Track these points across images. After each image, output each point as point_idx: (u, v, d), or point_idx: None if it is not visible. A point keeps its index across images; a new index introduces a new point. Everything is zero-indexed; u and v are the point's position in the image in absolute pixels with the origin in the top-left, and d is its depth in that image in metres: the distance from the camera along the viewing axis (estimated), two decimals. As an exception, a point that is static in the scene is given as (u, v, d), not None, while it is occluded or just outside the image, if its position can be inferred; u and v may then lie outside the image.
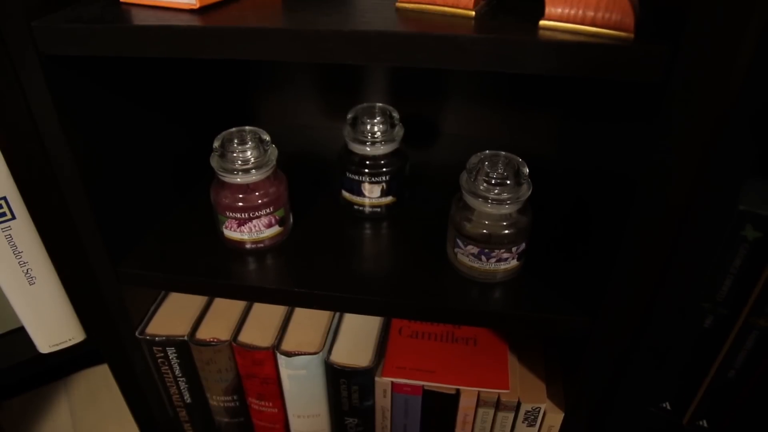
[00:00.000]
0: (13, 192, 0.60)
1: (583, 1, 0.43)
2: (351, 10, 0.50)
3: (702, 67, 0.41)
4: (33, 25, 0.50)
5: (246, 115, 0.97)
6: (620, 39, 0.42)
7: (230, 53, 0.47)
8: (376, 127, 0.68)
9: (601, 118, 0.66)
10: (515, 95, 0.88)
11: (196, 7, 0.50)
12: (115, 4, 0.54)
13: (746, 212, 0.49)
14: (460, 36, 0.43)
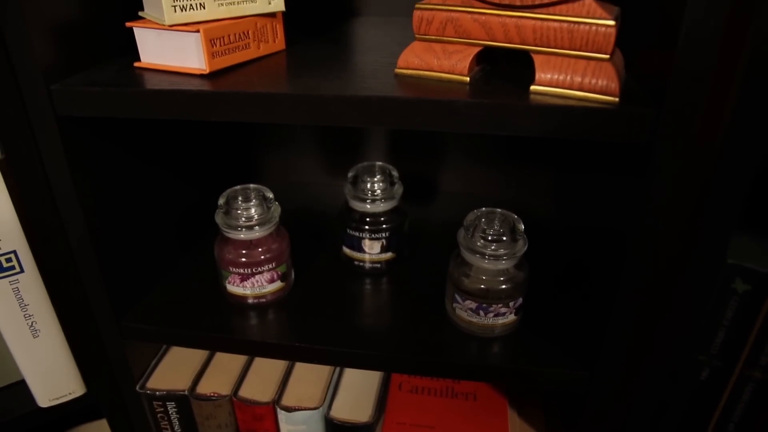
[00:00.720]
0: (23, 246, 0.62)
1: (571, 67, 0.46)
2: (352, 76, 0.52)
3: (685, 129, 0.43)
4: (52, 89, 0.52)
5: (249, 172, 1.00)
6: (607, 103, 0.45)
7: (238, 116, 0.50)
8: (376, 185, 0.70)
9: (595, 172, 0.68)
10: (512, 153, 0.90)
11: (206, 72, 0.53)
12: (129, 68, 0.57)
13: (735, 265, 0.50)
14: (456, 101, 0.46)
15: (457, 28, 0.49)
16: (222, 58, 0.54)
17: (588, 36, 0.45)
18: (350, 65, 0.56)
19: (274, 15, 0.60)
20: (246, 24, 0.57)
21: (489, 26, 0.48)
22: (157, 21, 0.55)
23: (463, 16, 0.48)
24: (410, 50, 0.51)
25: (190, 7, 0.53)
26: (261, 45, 0.59)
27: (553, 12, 0.45)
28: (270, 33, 0.60)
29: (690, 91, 0.42)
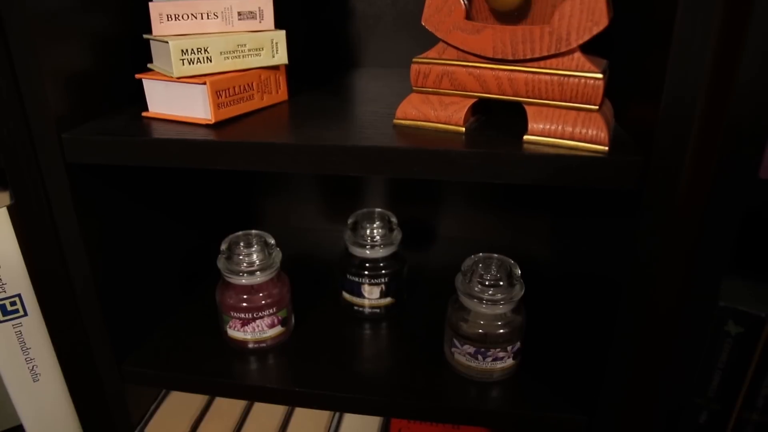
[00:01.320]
0: (28, 290, 0.63)
1: (562, 117, 0.48)
2: (352, 126, 0.55)
3: (672, 176, 0.45)
4: (63, 137, 0.54)
5: (251, 217, 1.02)
6: (596, 151, 0.47)
7: (242, 165, 0.52)
8: (375, 231, 0.72)
9: (591, 216, 0.70)
10: (509, 198, 0.92)
11: (212, 122, 0.56)
12: (137, 118, 0.59)
13: (727, 308, 0.51)
14: (452, 151, 0.48)
15: (453, 80, 0.51)
16: (227, 109, 0.57)
17: (577, 88, 0.47)
18: (350, 116, 0.58)
19: (277, 67, 0.62)
20: (250, 76, 0.59)
21: (483, 79, 0.50)
22: (165, 73, 0.57)
23: (459, 69, 0.50)
24: (408, 102, 0.54)
25: (198, 60, 0.56)
26: (264, 96, 0.62)
27: (544, 65, 0.48)
28: (273, 84, 0.63)
29: (676, 139, 0.44)
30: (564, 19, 0.46)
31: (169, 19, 0.59)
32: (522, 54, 0.48)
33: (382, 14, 0.83)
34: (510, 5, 0.48)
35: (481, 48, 0.49)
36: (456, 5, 0.49)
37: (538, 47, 0.47)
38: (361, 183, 0.96)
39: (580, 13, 0.45)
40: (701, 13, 0.41)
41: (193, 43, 0.55)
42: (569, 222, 0.81)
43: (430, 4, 0.50)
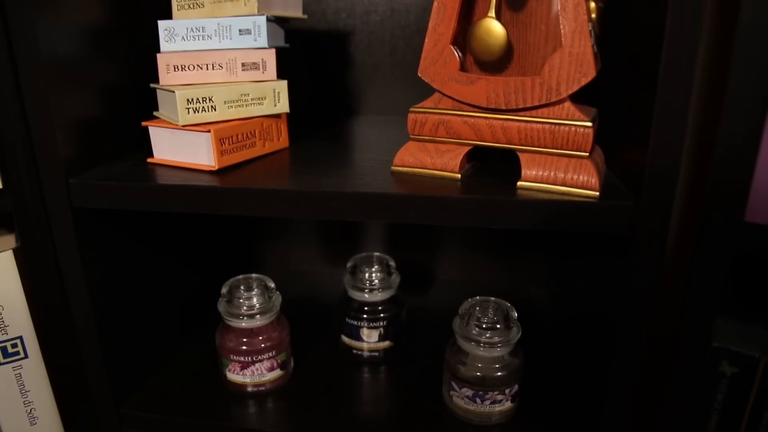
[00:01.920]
0: (29, 332, 0.63)
1: (554, 164, 0.50)
2: (351, 173, 0.56)
3: (661, 219, 0.46)
4: (70, 182, 0.56)
5: (251, 261, 1.03)
6: (588, 197, 0.48)
7: (245, 211, 0.53)
8: (374, 275, 0.73)
9: (587, 258, 0.71)
10: (505, 242, 0.94)
11: (215, 169, 0.57)
12: (142, 163, 0.61)
13: (721, 349, 0.52)
14: (448, 197, 0.49)
15: (449, 129, 0.53)
16: (230, 156, 0.58)
17: (568, 136, 0.49)
18: (350, 163, 0.60)
19: (279, 116, 0.65)
20: (253, 124, 0.61)
21: (478, 128, 0.52)
22: (171, 121, 0.59)
23: (454, 118, 0.52)
24: (405, 149, 0.56)
25: (202, 109, 0.58)
26: (266, 143, 0.64)
27: (536, 115, 0.50)
28: (275, 132, 0.65)
29: (663, 184, 0.46)
30: (554, 70, 0.48)
31: (176, 70, 0.61)
32: (514, 104, 0.50)
33: (380, 64, 0.86)
34: (492, 55, 0.50)
35: (475, 98, 0.51)
36: (450, 58, 0.51)
37: (530, 97, 0.49)
38: (360, 228, 0.97)
39: (568, 65, 0.47)
40: (684, 63, 0.43)
41: (199, 92, 0.57)
42: (566, 264, 0.83)
43: (426, 56, 0.52)
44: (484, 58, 0.51)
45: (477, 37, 0.50)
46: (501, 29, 0.49)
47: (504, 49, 0.50)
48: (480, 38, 0.50)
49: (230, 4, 0.61)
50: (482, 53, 0.51)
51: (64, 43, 0.55)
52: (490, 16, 0.50)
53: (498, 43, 0.50)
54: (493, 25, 0.49)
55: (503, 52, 0.50)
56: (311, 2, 0.85)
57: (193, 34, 0.62)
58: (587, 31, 0.46)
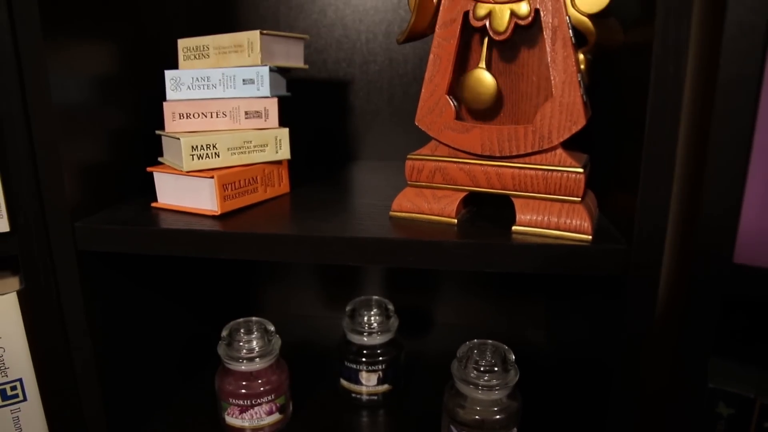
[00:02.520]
0: (29, 374, 0.63)
1: (548, 209, 0.51)
2: (350, 218, 0.58)
3: (653, 262, 0.48)
4: (76, 226, 0.57)
5: (250, 305, 1.03)
6: (581, 240, 0.50)
7: (246, 255, 0.54)
8: (372, 318, 0.73)
9: (585, 299, 0.71)
10: (503, 284, 0.94)
11: (218, 214, 0.59)
12: (146, 208, 0.62)
13: (717, 390, 0.53)
14: (445, 242, 0.50)
15: (445, 175, 0.55)
16: (232, 201, 0.60)
17: (560, 182, 0.50)
18: (349, 208, 0.62)
19: (280, 162, 0.66)
20: (255, 170, 0.63)
21: (473, 174, 0.53)
22: (175, 167, 0.61)
23: (450, 165, 0.54)
24: (403, 195, 0.57)
25: (206, 155, 0.59)
26: (268, 189, 0.65)
27: (529, 161, 0.51)
28: (276, 178, 0.66)
29: (654, 228, 0.47)
30: (545, 119, 0.50)
31: (181, 117, 0.64)
32: (508, 151, 0.52)
33: (379, 111, 0.89)
34: (482, 104, 0.52)
35: (471, 145, 0.53)
36: (446, 107, 0.53)
37: (523, 145, 0.51)
38: (359, 271, 0.98)
39: (559, 114, 0.49)
40: (669, 112, 0.45)
41: (203, 139, 0.59)
42: (563, 306, 0.83)
43: (423, 105, 0.54)
44: (475, 106, 0.53)
45: (468, 87, 0.52)
46: (491, 79, 0.52)
47: (494, 98, 0.52)
48: (471, 88, 0.52)
49: (235, 55, 0.64)
50: (473, 102, 0.53)
51: (74, 91, 0.57)
52: (480, 67, 0.52)
53: (488, 93, 0.52)
54: (484, 76, 0.52)
55: (493, 101, 0.52)
56: (312, 52, 0.88)
57: (199, 83, 0.64)
58: (576, 81, 0.49)
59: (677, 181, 0.49)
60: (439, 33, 0.53)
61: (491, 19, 0.50)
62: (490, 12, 0.50)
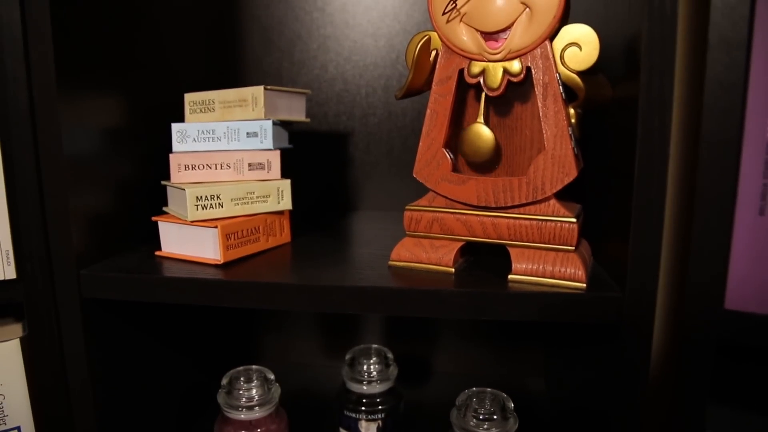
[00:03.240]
0: (28, 422, 0.63)
1: (542, 257, 0.53)
2: (350, 267, 0.59)
3: (646, 310, 0.49)
4: (81, 273, 0.59)
5: (250, 353, 1.03)
6: (575, 288, 0.51)
7: (248, 303, 0.55)
8: (372, 367, 0.74)
9: (584, 347, 0.72)
10: (502, 332, 0.95)
11: (221, 263, 0.60)
12: (150, 257, 0.64)
13: (714, 441, 0.53)
14: (442, 290, 0.52)
15: (442, 226, 0.56)
16: (235, 250, 0.61)
17: (554, 231, 0.52)
18: (349, 257, 0.63)
19: (282, 212, 0.68)
20: (257, 220, 0.64)
21: (470, 224, 0.55)
22: (179, 216, 0.62)
23: (447, 216, 0.56)
24: (402, 245, 0.59)
25: (210, 206, 0.61)
26: (269, 238, 0.67)
27: (524, 212, 0.53)
28: (278, 228, 0.68)
29: (646, 276, 0.48)
30: (538, 171, 0.52)
31: (187, 169, 0.65)
32: (503, 202, 0.53)
33: (378, 162, 0.91)
34: (482, 157, 0.54)
35: (467, 197, 0.54)
36: (443, 160, 0.55)
37: (517, 196, 0.53)
38: (359, 320, 0.99)
39: (552, 166, 0.51)
40: (657, 164, 0.47)
41: (207, 190, 0.61)
42: (562, 354, 0.84)
43: (420, 158, 0.56)
44: (475, 159, 0.55)
45: (467, 141, 0.54)
46: (489, 133, 0.54)
47: (493, 151, 0.54)
48: (470, 142, 0.54)
49: (239, 109, 0.66)
50: (473, 155, 0.55)
51: (85, 142, 0.59)
52: (479, 121, 0.54)
53: (487, 146, 0.54)
54: (482, 130, 0.54)
55: (492, 154, 0.54)
56: (313, 105, 0.91)
57: (204, 136, 0.66)
58: (567, 135, 0.51)
59: (669, 229, 0.51)
60: (436, 89, 0.55)
61: (485, 76, 0.53)
62: (484, 69, 0.53)
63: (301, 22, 0.90)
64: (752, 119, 0.45)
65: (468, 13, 0.52)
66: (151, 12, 0.71)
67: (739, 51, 0.43)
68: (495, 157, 0.55)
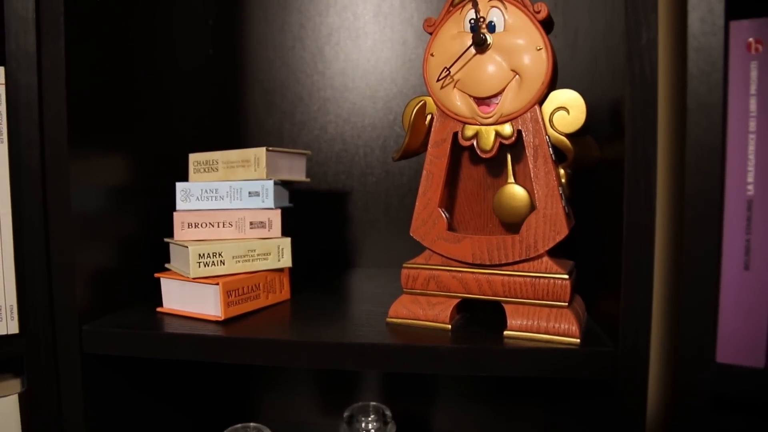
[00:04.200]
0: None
1: (537, 313, 0.54)
2: (348, 324, 0.60)
3: (639, 364, 0.49)
4: (83, 329, 0.59)
5: (247, 410, 1.02)
6: (569, 344, 0.52)
7: (248, 360, 0.56)
8: (370, 424, 0.74)
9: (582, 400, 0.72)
10: (500, 389, 0.94)
11: (221, 319, 0.61)
12: (152, 313, 0.65)
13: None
14: (439, 347, 0.53)
15: (439, 283, 0.57)
16: (235, 307, 0.62)
17: (548, 288, 0.53)
18: (347, 314, 0.64)
19: (282, 270, 0.69)
20: (258, 278, 0.66)
21: (465, 282, 0.56)
22: (182, 273, 0.64)
23: (444, 273, 0.57)
24: (399, 302, 0.60)
25: (212, 263, 0.63)
26: (269, 295, 0.68)
27: (518, 269, 0.55)
28: (278, 285, 0.69)
29: (638, 332, 0.49)
30: (531, 229, 0.53)
31: (190, 227, 0.67)
32: (497, 259, 0.55)
33: (376, 221, 0.93)
34: (518, 217, 0.55)
35: (462, 255, 0.56)
36: (439, 219, 0.57)
37: (511, 253, 0.54)
38: (357, 377, 0.98)
39: (544, 225, 0.53)
40: (644, 222, 0.48)
41: (210, 248, 0.62)
42: (561, 410, 0.83)
43: (417, 218, 0.58)
44: (512, 220, 0.56)
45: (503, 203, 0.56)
46: (523, 192, 0.55)
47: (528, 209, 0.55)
48: (506, 204, 0.56)
49: (242, 170, 0.68)
50: (510, 217, 0.56)
51: (92, 200, 0.61)
52: (510, 182, 0.56)
53: (523, 205, 0.55)
54: (516, 190, 0.56)
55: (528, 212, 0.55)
56: (313, 165, 0.94)
57: (207, 195, 0.68)
58: (558, 195, 0.53)
59: (660, 284, 0.52)
60: (431, 151, 0.58)
61: (478, 139, 0.55)
62: (477, 132, 0.55)
63: (302, 85, 0.94)
64: (732, 178, 0.47)
65: (461, 79, 0.55)
66: (159, 75, 0.74)
67: (716, 115, 0.46)
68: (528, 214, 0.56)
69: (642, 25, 0.48)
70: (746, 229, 0.47)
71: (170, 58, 0.78)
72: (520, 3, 0.53)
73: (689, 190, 0.47)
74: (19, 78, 0.56)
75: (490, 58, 0.54)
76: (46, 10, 0.56)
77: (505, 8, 0.54)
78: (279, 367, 1.00)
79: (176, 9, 0.80)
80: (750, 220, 0.47)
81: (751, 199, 0.47)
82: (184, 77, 0.82)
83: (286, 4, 0.94)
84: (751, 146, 0.47)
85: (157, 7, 0.74)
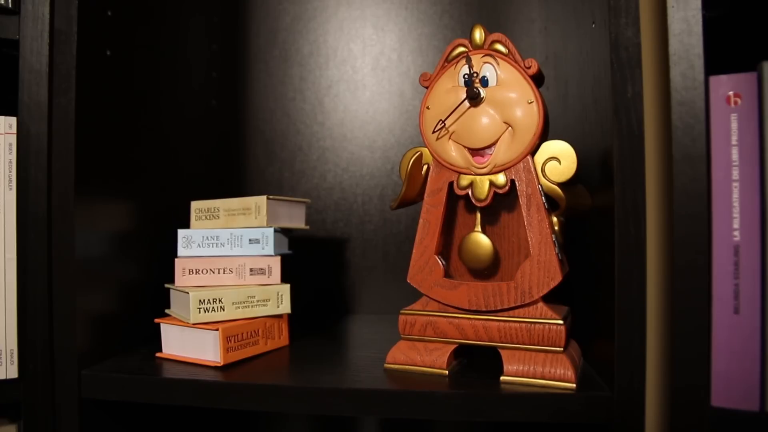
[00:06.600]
0: None
1: (533, 359, 0.55)
2: (346, 370, 0.60)
3: (635, 409, 0.50)
4: (83, 374, 0.60)
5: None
6: (565, 389, 0.52)
7: (247, 405, 0.56)
8: (368, 472, 0.73)
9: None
10: None
11: (220, 365, 0.61)
12: (151, 358, 0.65)
13: None
14: (436, 392, 0.53)
15: (436, 329, 0.58)
16: (235, 353, 0.63)
17: (543, 333, 0.54)
18: (345, 360, 0.64)
19: (281, 316, 0.70)
20: (257, 324, 0.66)
21: (462, 328, 0.57)
22: (181, 319, 0.64)
23: (440, 319, 0.58)
24: (397, 348, 0.60)
25: (212, 309, 0.63)
26: (268, 341, 0.68)
27: (513, 315, 0.56)
28: (276, 331, 0.70)
29: (632, 376, 0.50)
30: (525, 276, 0.55)
31: (191, 273, 0.68)
32: (493, 306, 0.56)
33: (374, 267, 0.94)
34: (481, 264, 0.58)
35: (458, 301, 0.57)
36: (435, 266, 0.58)
37: (506, 300, 0.55)
38: (355, 421, 0.98)
39: (538, 271, 0.54)
40: (636, 268, 0.50)
41: (210, 294, 0.63)
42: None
43: (414, 264, 0.59)
44: (475, 266, 0.58)
45: (467, 249, 0.58)
46: (487, 241, 0.57)
47: (491, 257, 0.57)
48: (470, 250, 0.58)
49: (243, 217, 0.70)
50: (473, 263, 0.58)
51: (95, 246, 0.63)
52: (476, 230, 0.58)
53: (486, 253, 0.57)
54: (481, 238, 0.57)
55: (491, 260, 0.57)
56: (312, 212, 0.96)
57: (208, 241, 0.70)
58: (551, 242, 0.54)
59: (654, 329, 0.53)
60: (428, 200, 0.59)
61: (473, 189, 0.57)
62: (472, 182, 0.57)
63: (302, 135, 0.97)
64: (719, 224, 0.49)
65: (456, 131, 0.57)
66: (162, 125, 0.77)
67: (700, 164, 0.48)
68: (494, 262, 0.58)
69: (627, 80, 0.51)
70: (734, 274, 0.49)
71: (174, 109, 0.80)
72: (512, 59, 0.56)
73: (678, 236, 0.48)
74: (30, 128, 0.58)
75: (483, 111, 0.56)
76: (59, 64, 0.59)
77: (498, 64, 0.56)
78: (278, 412, 1.00)
79: (180, 61, 0.83)
80: (738, 264, 0.49)
81: (738, 244, 0.49)
82: (188, 127, 0.85)
83: (288, 57, 0.97)
84: (735, 194, 0.49)
85: (162, 59, 0.77)
